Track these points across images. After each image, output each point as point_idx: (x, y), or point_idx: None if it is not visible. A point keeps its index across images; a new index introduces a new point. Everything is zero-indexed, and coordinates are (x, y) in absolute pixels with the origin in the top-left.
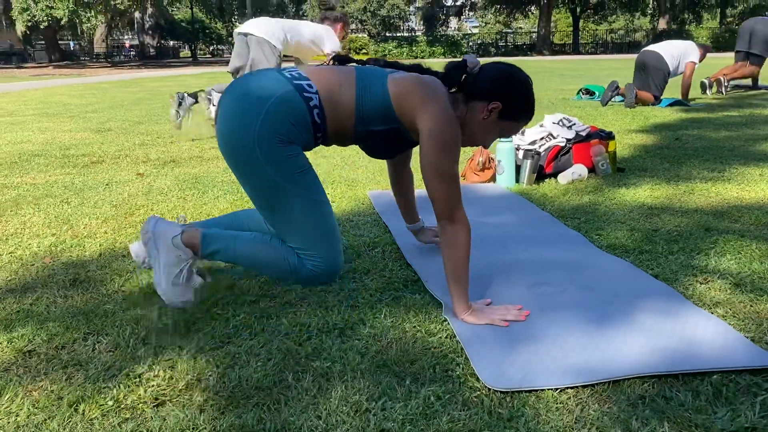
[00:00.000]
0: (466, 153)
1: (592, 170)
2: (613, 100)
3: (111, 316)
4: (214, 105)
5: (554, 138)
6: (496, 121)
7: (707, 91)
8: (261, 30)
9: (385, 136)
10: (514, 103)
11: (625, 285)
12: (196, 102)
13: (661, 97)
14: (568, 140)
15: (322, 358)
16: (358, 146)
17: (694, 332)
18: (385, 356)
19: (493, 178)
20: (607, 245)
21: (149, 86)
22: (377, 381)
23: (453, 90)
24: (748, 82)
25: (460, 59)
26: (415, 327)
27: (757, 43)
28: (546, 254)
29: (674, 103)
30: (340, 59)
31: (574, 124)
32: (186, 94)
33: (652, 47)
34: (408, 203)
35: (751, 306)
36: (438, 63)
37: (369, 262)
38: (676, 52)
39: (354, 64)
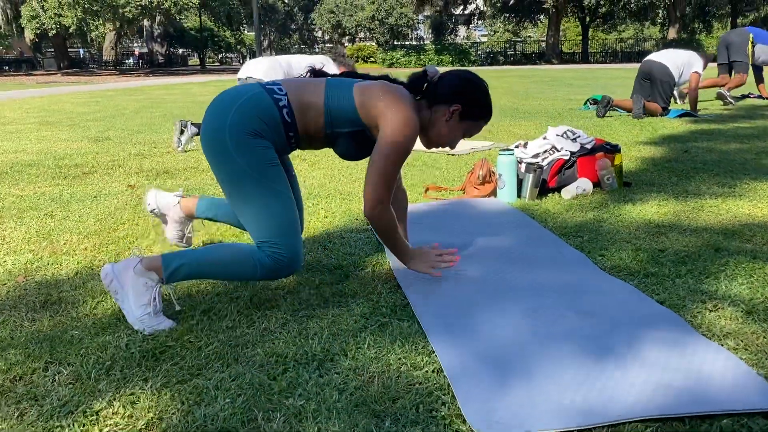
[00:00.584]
0: (466, 166)
1: (597, 185)
2: (616, 111)
3: (77, 343)
4: None
5: (558, 151)
6: (458, 122)
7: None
8: (255, 71)
9: (352, 138)
10: (473, 104)
11: (628, 312)
12: (198, 133)
13: (669, 108)
14: (572, 153)
15: (296, 394)
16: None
17: (702, 367)
18: (365, 393)
19: (493, 193)
20: (611, 267)
21: (154, 94)
22: (354, 422)
23: (418, 98)
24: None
25: (421, 70)
26: (400, 359)
27: (736, 51)
28: (545, 276)
29: (683, 115)
30: (315, 72)
31: (579, 136)
32: (190, 123)
33: (656, 57)
34: (400, 223)
35: (764, 337)
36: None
37: (357, 284)
38: (679, 61)
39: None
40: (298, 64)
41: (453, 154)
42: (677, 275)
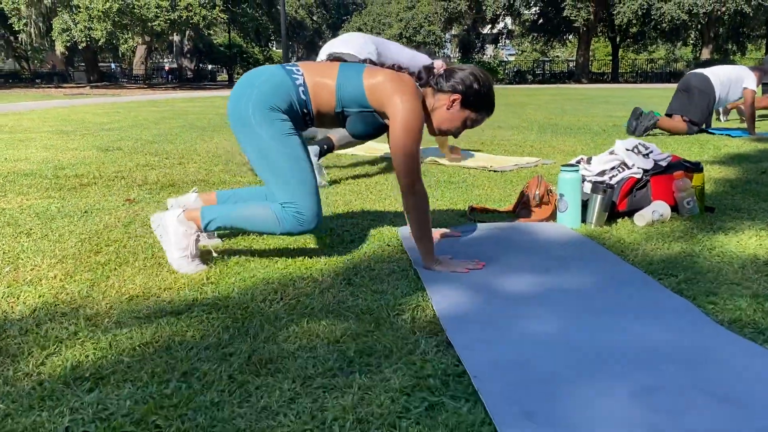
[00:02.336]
0: (511, 184)
1: (674, 209)
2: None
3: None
4: None
5: (628, 168)
6: (459, 110)
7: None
8: (345, 44)
9: (361, 118)
10: (473, 94)
11: None
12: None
13: (704, 125)
14: (645, 171)
15: None
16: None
17: None
18: None
19: (552, 216)
20: (730, 320)
21: (178, 106)
22: None
23: (424, 85)
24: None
25: (430, 62)
26: None
27: None
28: (650, 336)
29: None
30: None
31: (652, 151)
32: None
33: (699, 69)
34: None
35: None
36: None
37: (392, 337)
38: (725, 77)
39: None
40: (397, 51)
41: (496, 171)
42: None
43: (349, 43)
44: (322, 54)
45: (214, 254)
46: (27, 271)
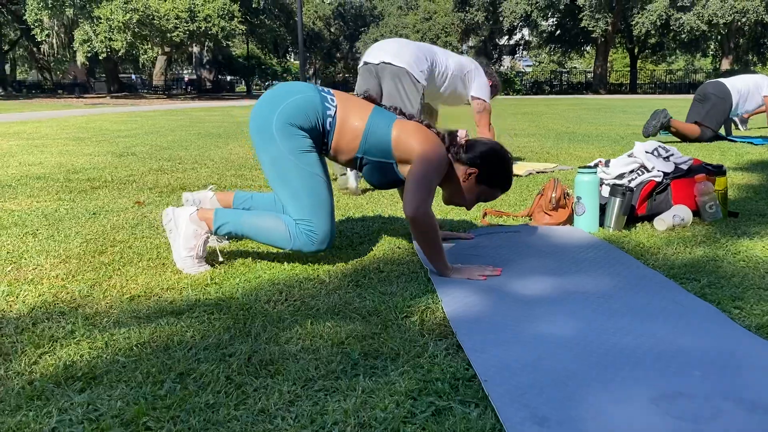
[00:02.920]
0: (527, 190)
1: (696, 213)
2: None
3: None
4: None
5: (647, 171)
6: (474, 184)
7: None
8: (397, 56)
9: (379, 167)
10: (489, 171)
11: None
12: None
13: (717, 132)
14: (665, 174)
15: None
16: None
17: None
18: None
19: (569, 220)
20: (757, 325)
21: (194, 115)
22: None
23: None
24: None
25: (455, 130)
26: None
27: None
28: (672, 340)
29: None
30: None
31: (672, 154)
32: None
33: (717, 78)
34: None
35: None
36: None
37: (399, 340)
38: (742, 86)
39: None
40: (444, 59)
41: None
42: None
43: (400, 55)
44: (372, 57)
45: (221, 259)
46: (29, 271)
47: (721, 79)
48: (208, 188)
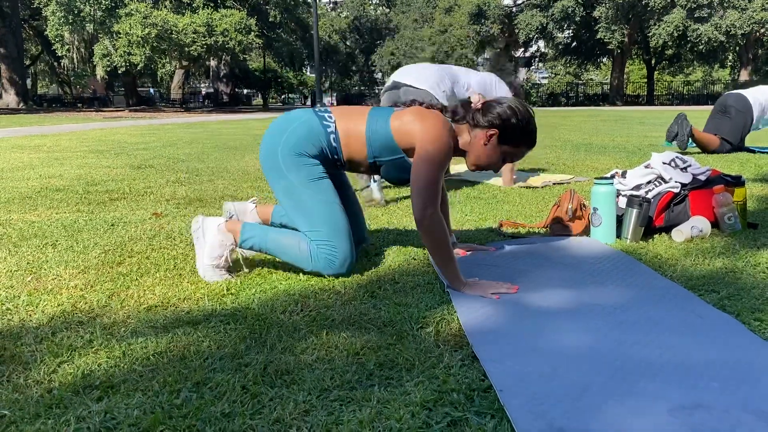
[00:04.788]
0: (543, 201)
1: (714, 225)
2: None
3: (1, 430)
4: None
5: (665, 182)
6: (496, 145)
7: None
8: (419, 80)
9: (392, 165)
10: (509, 130)
11: None
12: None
13: (739, 145)
14: (683, 185)
15: None
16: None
17: None
18: None
19: (586, 231)
20: None
21: (211, 128)
22: None
23: (461, 122)
24: None
25: (467, 98)
26: None
27: None
28: (690, 352)
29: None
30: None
31: (690, 165)
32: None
33: (737, 90)
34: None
35: None
36: None
37: (414, 350)
38: (763, 98)
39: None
40: (465, 78)
41: (527, 187)
42: None
43: (422, 78)
44: (393, 83)
45: (245, 269)
46: (48, 281)
47: (742, 92)
48: (250, 200)
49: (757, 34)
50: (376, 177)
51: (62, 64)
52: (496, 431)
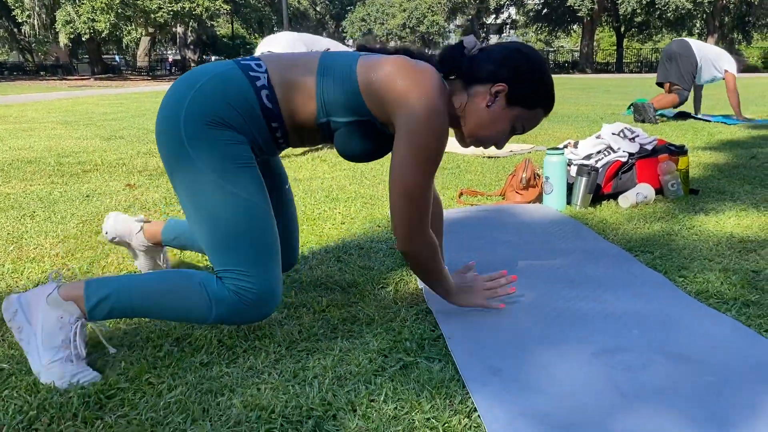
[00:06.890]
0: (504, 170)
1: (659, 191)
2: (663, 117)
3: (0, 382)
4: None
5: (614, 152)
6: (504, 108)
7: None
8: (281, 46)
9: (355, 130)
10: (524, 83)
11: (739, 357)
12: None
13: (688, 93)
14: (630, 155)
15: None
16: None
17: None
18: None
19: (538, 199)
20: (697, 292)
21: None
22: None
23: (451, 77)
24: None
25: (457, 41)
26: (428, 420)
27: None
28: (618, 304)
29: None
30: None
31: (638, 135)
32: None
33: (681, 37)
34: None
35: None
36: None
37: (374, 308)
38: (704, 49)
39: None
40: (325, 44)
41: (489, 157)
42: None
43: (274, 42)
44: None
45: (112, 350)
46: (30, 250)
47: (686, 39)
48: (136, 219)
49: (724, 1)
50: None
51: (23, 30)
52: (442, 372)
